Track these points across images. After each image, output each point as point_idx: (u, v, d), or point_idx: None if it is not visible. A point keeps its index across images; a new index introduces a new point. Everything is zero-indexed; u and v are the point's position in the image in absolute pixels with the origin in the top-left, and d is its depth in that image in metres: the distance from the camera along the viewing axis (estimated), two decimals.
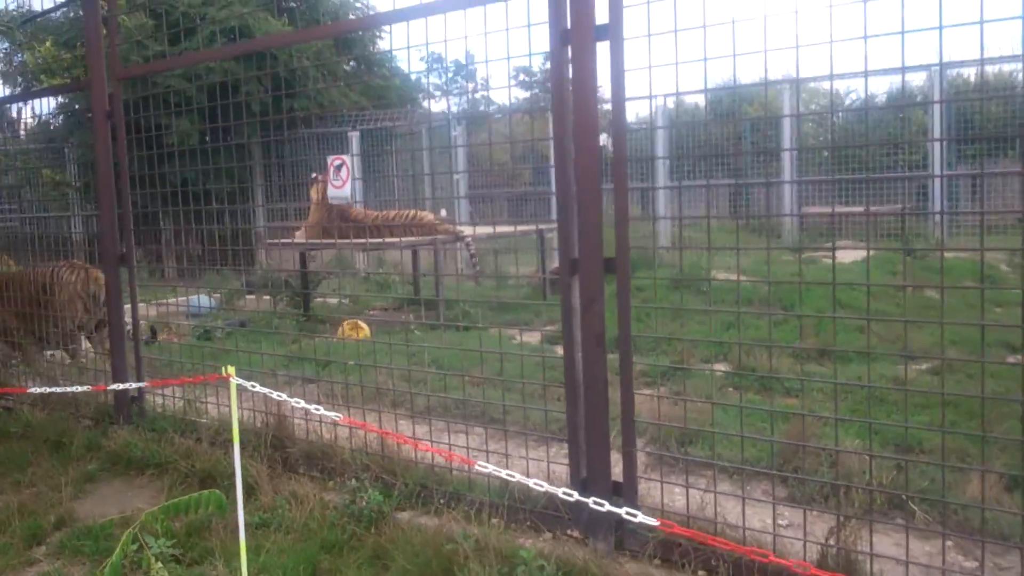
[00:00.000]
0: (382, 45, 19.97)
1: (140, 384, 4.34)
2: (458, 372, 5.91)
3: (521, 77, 35.67)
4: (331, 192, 4.33)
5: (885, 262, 10.32)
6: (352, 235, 9.74)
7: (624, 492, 3.58)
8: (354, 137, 18.10)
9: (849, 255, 10.74)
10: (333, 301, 11.66)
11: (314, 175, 11.36)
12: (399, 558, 3.72)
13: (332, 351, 7.59)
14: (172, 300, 8.27)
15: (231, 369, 3.17)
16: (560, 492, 2.78)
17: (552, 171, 3.82)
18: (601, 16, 3.45)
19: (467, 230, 10.32)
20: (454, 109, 19.69)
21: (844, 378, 5.77)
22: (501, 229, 11.16)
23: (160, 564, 3.82)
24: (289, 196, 17.51)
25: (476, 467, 3.04)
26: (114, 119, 5.48)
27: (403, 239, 9.83)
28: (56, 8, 10.29)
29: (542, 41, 3.63)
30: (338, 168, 4.22)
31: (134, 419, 5.63)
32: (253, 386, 3.42)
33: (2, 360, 7.10)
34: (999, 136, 14.20)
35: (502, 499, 3.94)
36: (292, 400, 3.48)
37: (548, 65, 3.55)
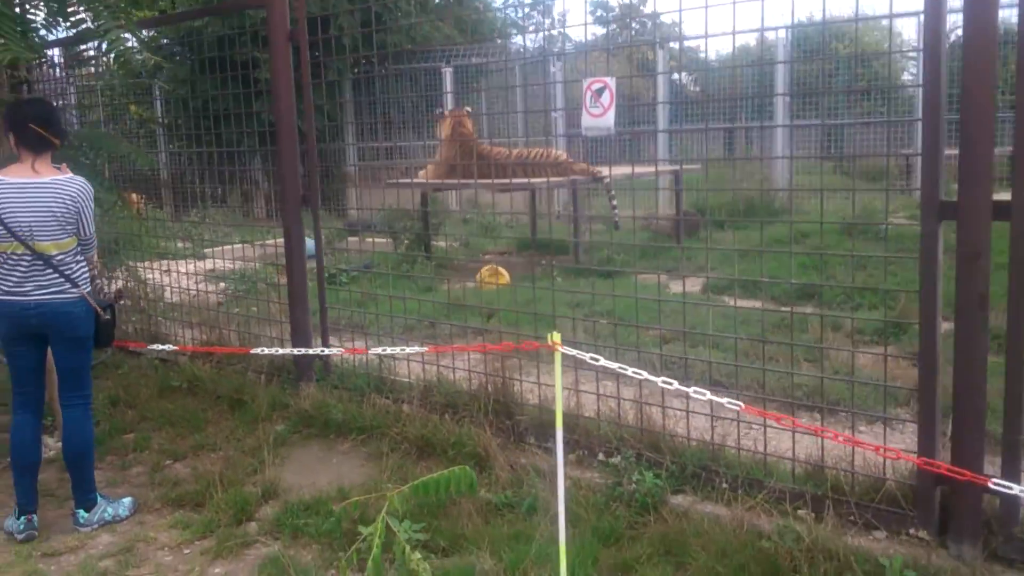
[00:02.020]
0: None
1: (418, 349, 3.73)
2: (678, 330, 5.26)
3: (598, 12, 34.39)
4: (588, 122, 3.65)
5: None
6: (483, 174, 9.13)
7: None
8: (447, 73, 17.38)
9: None
10: (443, 244, 11.10)
11: (440, 110, 10.71)
12: (700, 555, 3.14)
13: (485, 298, 7.02)
14: (270, 242, 7.81)
15: (557, 337, 2.57)
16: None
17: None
18: None
19: (604, 170, 9.61)
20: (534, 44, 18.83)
21: None
22: (639, 170, 10.47)
23: (418, 555, 3.29)
24: (381, 135, 16.90)
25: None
26: (297, 41, 4.87)
27: (535, 179, 9.16)
28: None
29: None
30: (598, 92, 3.55)
31: (318, 375, 5.11)
32: (595, 359, 2.81)
33: None
34: None
35: (816, 487, 3.34)
36: (660, 381, 2.81)
37: None
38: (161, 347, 4.63)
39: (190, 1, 15.52)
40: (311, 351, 4.51)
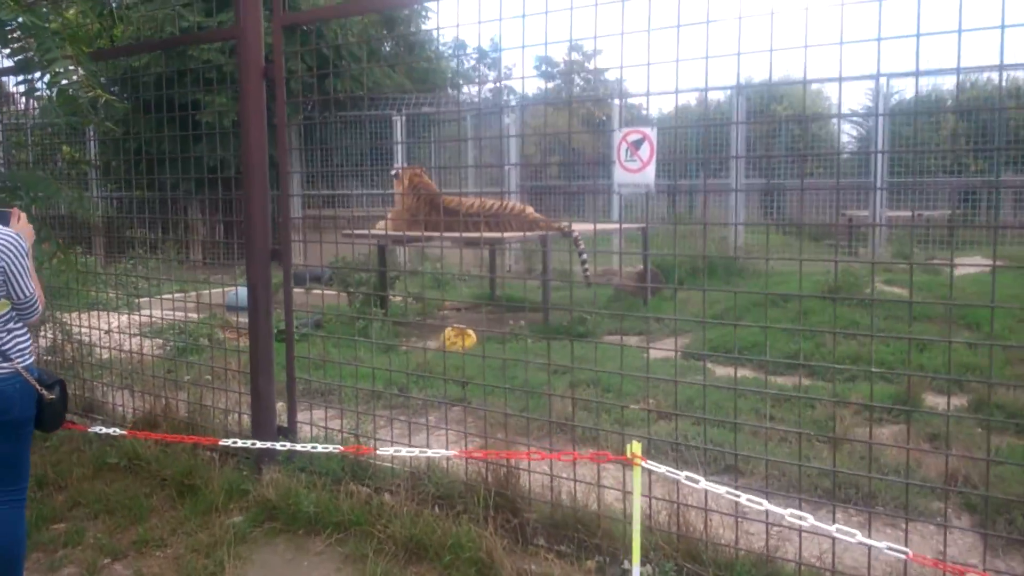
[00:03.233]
0: (428, 25, 18.75)
1: (447, 453, 3.13)
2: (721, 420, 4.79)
3: (543, 67, 34.44)
4: (623, 178, 3.17)
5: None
6: (448, 227, 8.62)
7: None
8: (398, 121, 16.94)
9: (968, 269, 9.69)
10: (397, 299, 10.51)
11: (395, 170, 10.27)
12: None
13: (453, 362, 6.45)
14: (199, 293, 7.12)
15: (637, 447, 2.05)
16: None
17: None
18: None
19: (574, 226, 9.20)
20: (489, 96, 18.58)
21: None
22: (603, 227, 10.09)
23: None
24: (328, 183, 16.26)
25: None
26: (272, 77, 4.32)
27: (508, 234, 8.71)
28: None
29: None
30: (636, 144, 3.08)
31: (282, 456, 4.47)
32: (693, 480, 2.29)
33: None
34: None
35: None
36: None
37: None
38: (106, 430, 3.94)
39: (140, 34, 14.80)
40: (297, 447, 3.86)
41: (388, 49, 19.61)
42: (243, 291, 6.57)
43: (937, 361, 6.24)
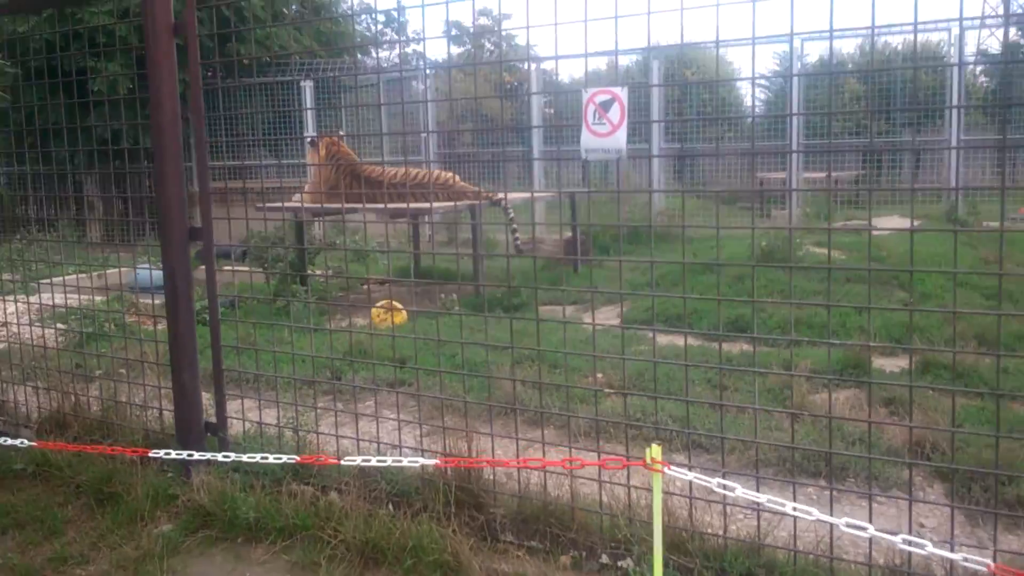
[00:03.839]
0: None
1: (428, 461, 2.76)
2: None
3: (453, 32, 33.74)
4: (591, 142, 2.88)
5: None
6: (370, 198, 8.23)
7: None
8: (308, 87, 16.26)
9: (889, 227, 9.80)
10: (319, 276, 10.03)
11: (311, 137, 9.75)
12: None
13: (385, 340, 6.10)
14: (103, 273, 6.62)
15: (656, 451, 1.79)
16: None
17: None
18: None
19: (500, 194, 8.89)
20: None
21: None
22: (524, 195, 9.83)
23: None
24: (234, 153, 15.51)
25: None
26: (185, 35, 3.86)
27: (439, 203, 8.35)
28: None
29: None
30: (605, 106, 2.80)
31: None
32: (727, 488, 2.02)
33: None
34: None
35: None
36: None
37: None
38: (12, 441, 3.48)
39: None
40: (244, 457, 3.47)
41: (295, 10, 18.80)
42: (146, 272, 6.08)
43: (877, 323, 6.20)
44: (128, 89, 13.40)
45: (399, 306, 7.55)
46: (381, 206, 7.97)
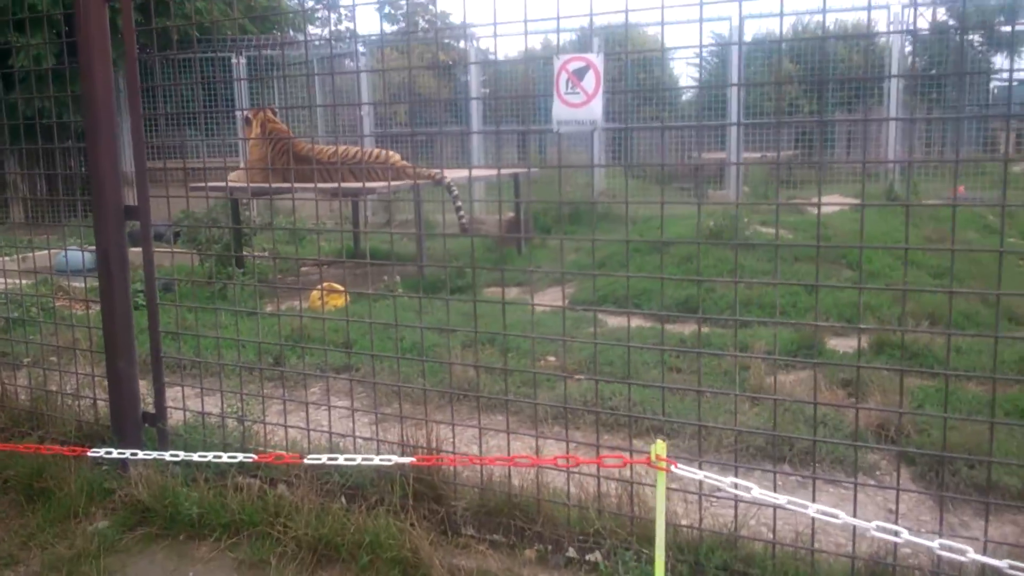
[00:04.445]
0: None
1: (404, 459, 2.55)
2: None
3: (386, 10, 33.20)
4: (563, 113, 2.73)
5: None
6: (304, 177, 7.96)
7: None
8: (240, 63, 15.76)
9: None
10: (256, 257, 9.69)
11: (244, 112, 9.36)
12: None
13: (327, 324, 5.88)
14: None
15: (661, 447, 1.66)
16: None
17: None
18: None
19: (445, 172, 8.68)
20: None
21: None
22: (477, 173, 9.66)
23: None
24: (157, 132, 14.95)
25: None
26: (118, 2, 3.60)
27: (373, 183, 8.13)
28: None
29: None
30: (578, 74, 2.66)
31: (149, 445, 3.85)
32: (742, 488, 1.89)
33: None
34: None
35: None
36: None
37: None
38: None
39: None
40: (194, 456, 3.25)
41: None
42: (75, 254, 5.77)
43: (828, 302, 6.20)
44: (53, 65, 12.79)
45: (339, 288, 7.33)
46: (328, 184, 7.72)
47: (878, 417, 3.95)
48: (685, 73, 17.66)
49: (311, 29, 17.25)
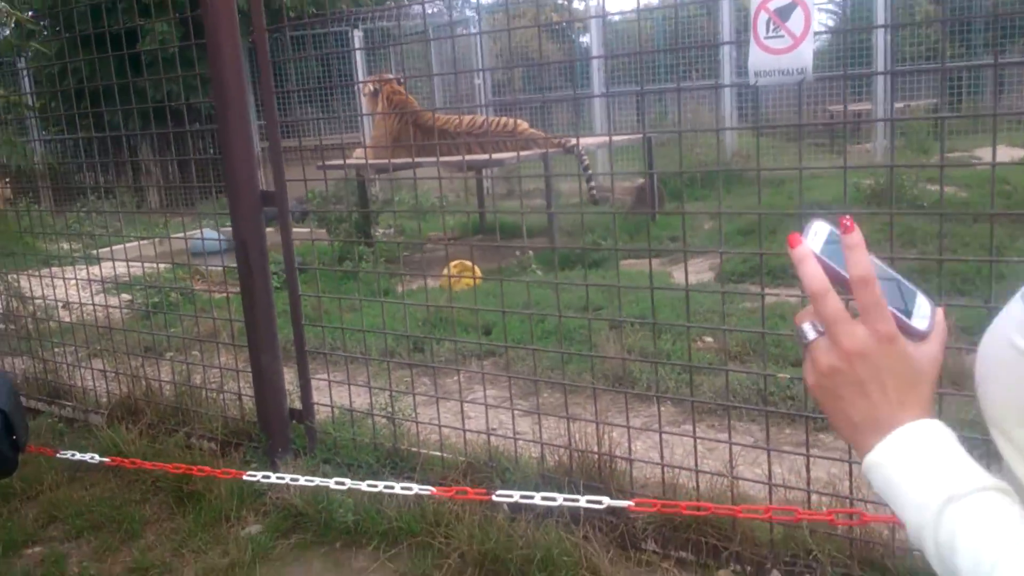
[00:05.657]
0: None
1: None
2: None
3: None
4: (761, 61, 2.30)
5: None
6: (432, 150, 7.71)
7: None
8: (357, 37, 15.67)
9: None
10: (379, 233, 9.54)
11: (370, 83, 9.10)
12: None
13: (463, 302, 5.60)
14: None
15: None
16: None
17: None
18: None
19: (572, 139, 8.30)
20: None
21: None
22: (605, 139, 9.23)
23: None
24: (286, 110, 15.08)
25: None
26: None
27: (501, 155, 7.80)
28: None
29: None
30: (783, 13, 2.22)
31: (296, 445, 3.66)
32: None
33: None
34: None
35: None
36: None
37: None
38: (81, 456, 3.09)
39: None
40: (362, 485, 3.03)
41: None
42: (211, 235, 5.66)
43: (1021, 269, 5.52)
44: (179, 48, 12.90)
45: (469, 265, 7.06)
46: (453, 158, 7.46)
47: None
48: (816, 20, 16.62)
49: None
